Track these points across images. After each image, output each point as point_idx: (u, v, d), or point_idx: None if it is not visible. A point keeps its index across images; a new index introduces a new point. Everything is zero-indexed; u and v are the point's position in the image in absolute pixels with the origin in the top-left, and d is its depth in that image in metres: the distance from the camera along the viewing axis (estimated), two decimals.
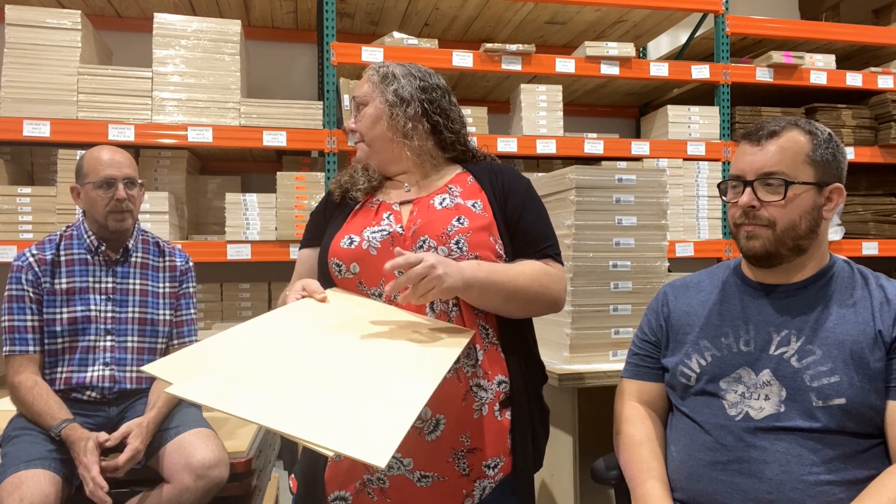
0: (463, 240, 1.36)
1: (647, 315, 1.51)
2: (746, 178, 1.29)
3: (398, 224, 1.40)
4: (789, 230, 1.27)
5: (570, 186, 2.09)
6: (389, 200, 1.46)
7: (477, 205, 1.42)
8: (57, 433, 1.74)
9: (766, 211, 1.27)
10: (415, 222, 1.39)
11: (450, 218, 1.38)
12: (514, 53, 3.02)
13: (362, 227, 1.41)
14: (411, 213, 1.42)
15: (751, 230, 1.29)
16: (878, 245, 3.38)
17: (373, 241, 1.37)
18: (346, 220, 1.45)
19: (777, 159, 1.27)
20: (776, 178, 1.27)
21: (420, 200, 1.44)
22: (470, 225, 1.37)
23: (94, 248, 1.94)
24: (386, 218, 1.41)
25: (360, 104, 1.50)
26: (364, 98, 1.50)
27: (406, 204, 1.45)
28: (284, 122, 2.83)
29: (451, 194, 1.44)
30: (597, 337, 2.09)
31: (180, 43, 2.75)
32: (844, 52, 3.61)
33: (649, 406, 1.45)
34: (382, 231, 1.39)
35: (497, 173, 1.49)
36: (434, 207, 1.41)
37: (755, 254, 1.30)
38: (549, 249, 1.45)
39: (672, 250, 3.11)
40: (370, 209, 1.45)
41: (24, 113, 2.58)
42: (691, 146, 3.26)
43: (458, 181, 1.48)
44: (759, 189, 1.28)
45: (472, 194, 1.45)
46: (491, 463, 1.33)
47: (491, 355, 1.37)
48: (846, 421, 1.21)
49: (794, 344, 1.27)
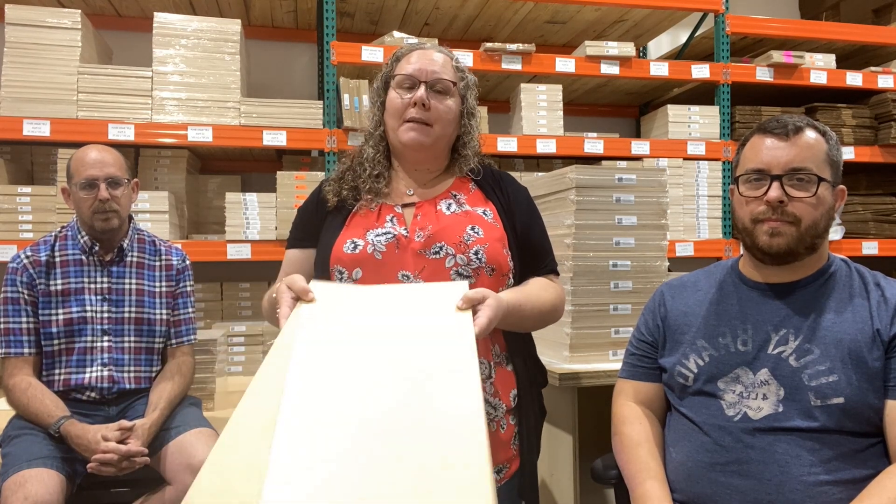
0: (482, 251, 1.33)
1: (644, 315, 1.50)
2: (772, 171, 1.26)
3: (402, 227, 1.36)
4: (811, 228, 1.26)
5: (570, 186, 2.09)
6: (390, 202, 1.41)
7: (487, 213, 1.40)
8: (56, 430, 1.74)
9: (794, 207, 1.25)
10: (424, 227, 1.35)
11: (463, 225, 1.35)
12: (514, 53, 3.02)
13: (365, 230, 1.36)
14: (415, 216, 1.38)
15: (776, 226, 1.26)
16: (877, 245, 3.37)
17: (377, 244, 1.33)
18: (345, 222, 1.40)
19: (806, 155, 1.26)
20: (807, 173, 1.25)
21: (423, 204, 1.40)
22: (486, 235, 1.35)
23: (88, 249, 1.93)
24: (389, 221, 1.37)
25: (443, 91, 1.38)
26: (449, 86, 1.39)
27: (408, 206, 1.40)
28: (284, 122, 2.83)
29: (457, 201, 1.41)
30: (597, 336, 2.09)
31: (180, 42, 2.75)
32: (844, 52, 3.61)
33: (647, 406, 1.45)
34: (387, 234, 1.34)
35: (500, 182, 1.47)
36: (443, 213, 1.38)
37: (777, 251, 1.27)
38: (552, 265, 1.47)
39: (672, 250, 3.11)
40: (371, 211, 1.39)
41: (24, 112, 2.58)
42: (691, 146, 3.26)
43: (459, 187, 1.44)
44: (787, 184, 1.25)
45: (479, 202, 1.42)
46: (495, 468, 1.32)
47: (501, 374, 1.38)
48: (844, 420, 1.21)
49: (793, 343, 1.27)
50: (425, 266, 1.32)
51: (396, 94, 1.38)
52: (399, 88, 1.38)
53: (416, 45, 1.44)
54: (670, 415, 1.42)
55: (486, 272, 1.34)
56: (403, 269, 1.32)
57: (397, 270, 1.32)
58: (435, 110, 1.36)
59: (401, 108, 1.37)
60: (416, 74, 1.36)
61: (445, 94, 1.38)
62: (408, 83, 1.37)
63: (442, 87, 1.37)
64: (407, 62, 1.39)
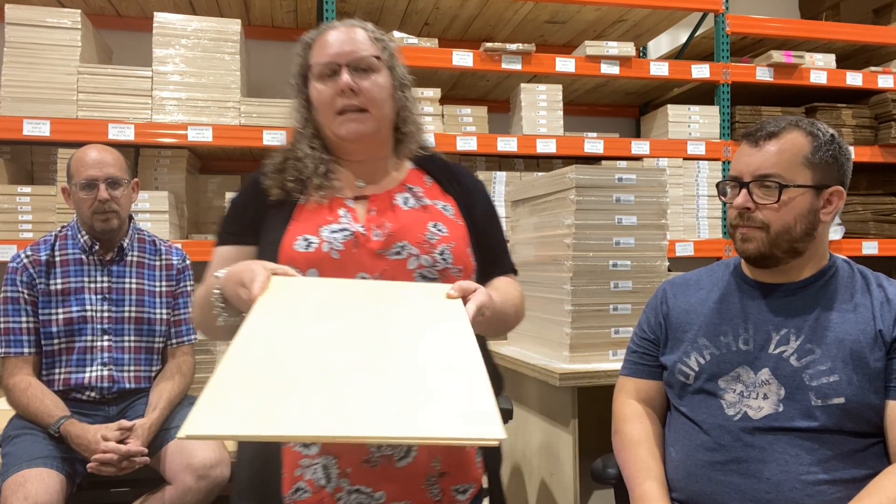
0: (448, 250, 1.22)
1: (645, 312, 1.50)
2: (743, 179, 1.29)
3: (357, 223, 1.22)
4: (783, 233, 1.26)
5: (570, 186, 2.09)
6: (340, 195, 1.26)
7: (448, 209, 1.29)
8: (56, 430, 1.74)
9: (761, 213, 1.27)
10: (381, 224, 1.22)
11: (425, 222, 1.24)
12: (514, 53, 3.02)
13: (317, 226, 1.21)
14: (368, 210, 1.25)
15: (745, 232, 1.29)
16: (877, 244, 3.37)
17: (334, 242, 1.19)
18: (291, 216, 1.23)
19: (773, 161, 1.26)
20: (771, 180, 1.26)
21: (377, 198, 1.26)
22: (451, 234, 1.25)
23: (88, 248, 1.93)
24: (343, 216, 1.23)
25: (368, 69, 1.23)
26: (373, 62, 1.24)
27: (360, 200, 1.26)
28: (284, 122, 2.80)
29: (414, 194, 1.29)
30: (597, 336, 2.09)
31: (180, 42, 2.75)
32: (844, 52, 3.61)
33: (648, 404, 1.45)
34: (344, 231, 1.20)
35: (456, 175, 1.36)
36: (400, 208, 1.26)
37: (749, 256, 1.30)
38: (512, 264, 1.39)
39: (672, 250, 3.11)
40: (321, 205, 1.24)
41: (24, 112, 2.58)
42: (691, 146, 3.26)
43: (414, 179, 1.32)
44: (755, 191, 1.27)
45: (438, 195, 1.31)
46: (460, 487, 1.23)
47: None
48: (845, 420, 1.21)
49: (794, 343, 1.27)
50: (386, 268, 1.20)
51: (320, 86, 1.23)
52: (320, 79, 1.24)
53: (324, 27, 1.28)
54: (670, 414, 1.42)
55: (453, 273, 1.22)
56: (362, 270, 1.19)
57: (356, 272, 1.19)
58: (366, 92, 1.21)
59: (329, 99, 1.22)
60: (335, 59, 1.22)
61: (371, 71, 1.23)
62: (328, 71, 1.23)
63: (366, 64, 1.23)
64: (320, 48, 1.24)
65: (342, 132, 1.23)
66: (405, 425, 0.76)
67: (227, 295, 1.11)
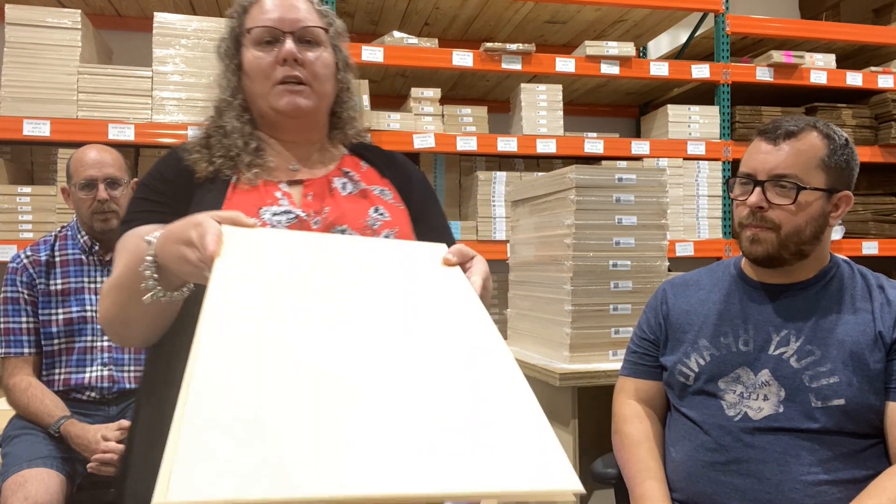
0: (392, 235, 1.16)
1: (645, 313, 1.50)
2: (758, 177, 1.26)
3: (296, 208, 1.12)
4: (793, 235, 1.25)
5: (570, 186, 2.09)
6: (271, 178, 1.16)
7: (386, 193, 1.22)
8: (56, 430, 1.75)
9: (774, 213, 1.25)
10: (319, 210, 1.13)
11: (365, 208, 1.17)
12: (514, 53, 3.02)
13: (256, 207, 1.09)
14: (304, 195, 1.16)
15: (755, 233, 1.27)
16: (877, 245, 3.37)
17: (280, 225, 1.08)
18: (224, 197, 1.11)
19: (791, 161, 1.24)
20: (788, 180, 1.24)
21: (312, 183, 1.17)
22: (394, 218, 1.18)
23: (88, 248, 1.93)
24: (281, 199, 1.13)
25: (313, 41, 1.15)
26: (319, 34, 1.16)
27: (295, 184, 1.17)
28: None
29: (351, 179, 1.21)
30: (597, 336, 2.09)
31: (180, 42, 2.75)
32: (844, 52, 3.61)
33: (648, 404, 1.45)
34: (287, 213, 1.10)
35: (391, 159, 1.29)
36: (339, 194, 1.18)
37: (756, 258, 1.29)
38: (454, 241, 1.28)
39: (672, 250, 3.11)
40: (252, 186, 1.13)
41: (24, 112, 2.58)
42: (691, 146, 3.26)
43: (349, 164, 1.24)
44: (770, 190, 1.25)
45: (375, 180, 1.24)
46: None
47: None
48: (845, 421, 1.21)
49: (794, 344, 1.27)
50: None
51: (258, 53, 1.13)
52: (258, 45, 1.14)
53: None
54: (670, 414, 1.42)
55: None
56: None
57: None
58: (310, 66, 1.13)
59: (267, 68, 1.12)
60: (278, 25, 1.13)
61: (316, 44, 1.15)
62: (268, 37, 1.13)
63: (311, 36, 1.15)
64: (260, 11, 1.14)
65: (280, 104, 1.13)
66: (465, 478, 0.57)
67: (163, 262, 0.92)
